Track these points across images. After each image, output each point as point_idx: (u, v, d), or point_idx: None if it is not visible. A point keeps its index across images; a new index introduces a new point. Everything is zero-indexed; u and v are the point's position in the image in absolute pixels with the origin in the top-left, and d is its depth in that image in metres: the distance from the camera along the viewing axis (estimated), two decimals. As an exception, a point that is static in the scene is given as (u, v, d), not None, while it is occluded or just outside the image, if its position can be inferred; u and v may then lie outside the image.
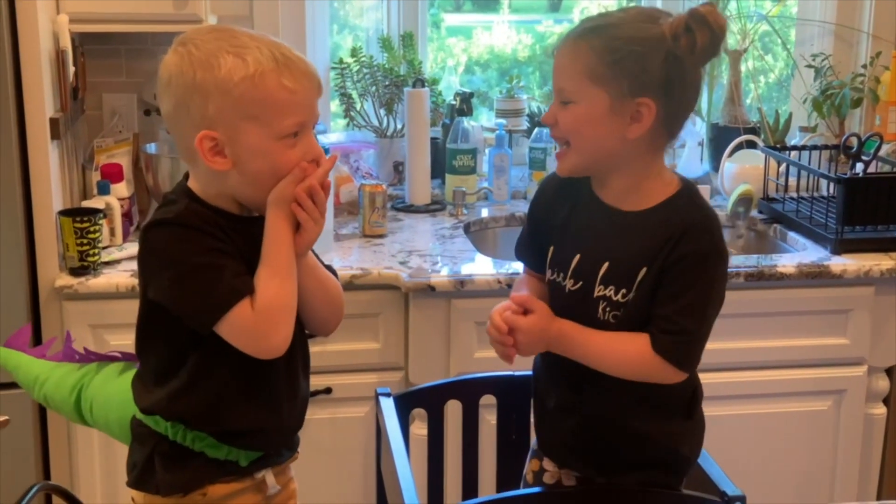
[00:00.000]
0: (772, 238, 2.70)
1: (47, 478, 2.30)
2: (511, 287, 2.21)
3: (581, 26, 1.47)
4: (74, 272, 2.23)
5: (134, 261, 2.25)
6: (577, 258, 1.50)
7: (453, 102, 2.88)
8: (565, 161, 1.49)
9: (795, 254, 2.49)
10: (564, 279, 1.51)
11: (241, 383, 1.42)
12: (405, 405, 1.76)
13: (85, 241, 2.21)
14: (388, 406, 1.69)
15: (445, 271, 2.30)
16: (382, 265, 2.33)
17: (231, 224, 1.40)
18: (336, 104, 2.99)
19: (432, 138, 2.82)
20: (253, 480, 1.49)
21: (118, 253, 2.33)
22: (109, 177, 2.41)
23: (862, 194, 2.46)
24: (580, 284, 1.50)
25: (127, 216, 2.46)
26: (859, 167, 2.57)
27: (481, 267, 2.34)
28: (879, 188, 2.47)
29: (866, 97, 2.89)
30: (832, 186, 2.57)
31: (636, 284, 1.45)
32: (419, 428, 2.02)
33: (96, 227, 2.22)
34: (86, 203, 2.36)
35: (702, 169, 2.95)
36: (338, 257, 2.37)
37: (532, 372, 1.64)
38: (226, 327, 1.35)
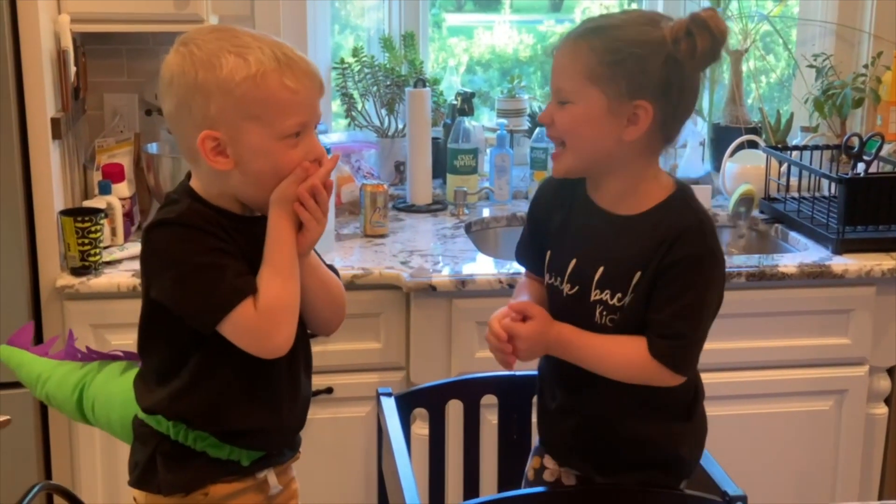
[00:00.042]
0: (773, 238, 2.70)
1: (48, 477, 2.30)
2: (512, 287, 2.22)
3: (582, 27, 1.47)
4: (76, 272, 2.23)
5: (135, 261, 2.28)
6: (574, 262, 1.50)
7: (454, 102, 2.88)
8: (561, 162, 1.49)
9: (797, 254, 2.49)
10: (561, 283, 1.52)
11: (243, 383, 1.42)
12: (406, 405, 1.76)
13: (86, 241, 2.21)
14: (390, 406, 1.69)
15: (447, 271, 2.30)
16: (384, 265, 2.33)
17: (233, 224, 1.40)
18: (337, 104, 2.99)
19: (433, 138, 2.81)
20: (255, 480, 1.49)
21: (119, 253, 2.33)
22: (111, 176, 2.42)
23: (863, 194, 2.46)
24: (577, 289, 1.50)
25: (128, 216, 2.46)
26: (860, 167, 2.57)
27: (482, 267, 2.34)
28: (881, 188, 2.47)
29: (868, 97, 2.89)
30: (833, 186, 2.57)
31: (631, 288, 1.45)
32: (420, 428, 2.02)
33: (97, 227, 2.23)
34: (87, 203, 2.36)
35: (703, 169, 2.94)
36: (339, 257, 2.37)
37: (537, 371, 1.64)
38: (228, 327, 1.35)
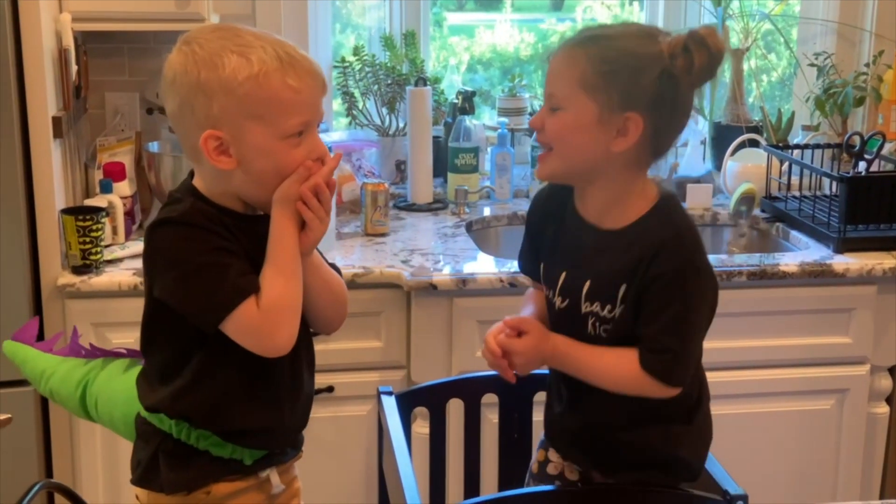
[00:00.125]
0: (774, 237, 2.70)
1: (49, 476, 2.30)
2: (513, 286, 2.23)
3: (579, 35, 1.48)
4: (77, 270, 2.23)
5: (136, 259, 2.28)
6: (563, 276, 1.51)
7: (455, 101, 2.87)
8: (546, 164, 1.49)
9: (798, 253, 2.49)
10: (554, 296, 1.53)
11: (246, 382, 1.42)
12: (407, 404, 1.76)
13: (87, 240, 2.21)
14: (390, 404, 1.69)
15: (447, 270, 2.31)
16: (384, 264, 2.33)
17: (236, 223, 1.40)
18: (338, 103, 2.99)
19: (434, 137, 2.81)
20: (257, 479, 1.48)
21: (120, 251, 2.33)
22: (112, 175, 2.42)
23: (864, 193, 2.46)
24: (567, 301, 1.51)
25: (129, 214, 2.46)
26: (862, 166, 2.57)
27: (483, 266, 2.34)
28: (882, 187, 2.47)
29: (869, 96, 2.89)
30: (835, 185, 2.57)
31: (619, 300, 1.45)
32: (421, 426, 2.02)
33: (99, 226, 2.23)
34: (88, 201, 2.37)
35: (704, 168, 2.94)
36: (340, 256, 2.36)
37: (548, 369, 1.64)
38: (231, 326, 1.35)
